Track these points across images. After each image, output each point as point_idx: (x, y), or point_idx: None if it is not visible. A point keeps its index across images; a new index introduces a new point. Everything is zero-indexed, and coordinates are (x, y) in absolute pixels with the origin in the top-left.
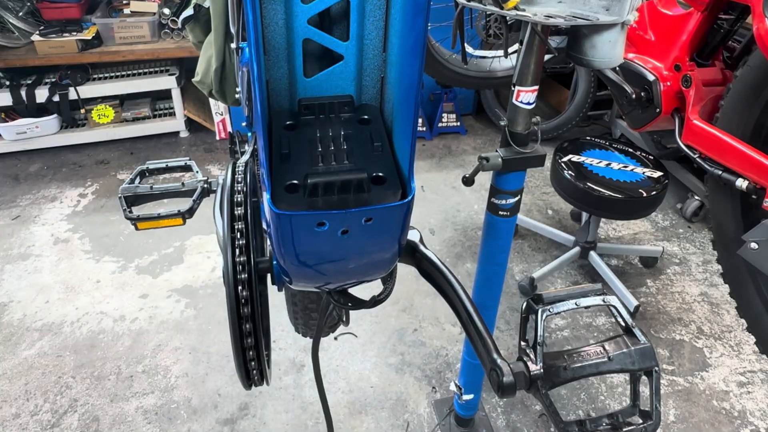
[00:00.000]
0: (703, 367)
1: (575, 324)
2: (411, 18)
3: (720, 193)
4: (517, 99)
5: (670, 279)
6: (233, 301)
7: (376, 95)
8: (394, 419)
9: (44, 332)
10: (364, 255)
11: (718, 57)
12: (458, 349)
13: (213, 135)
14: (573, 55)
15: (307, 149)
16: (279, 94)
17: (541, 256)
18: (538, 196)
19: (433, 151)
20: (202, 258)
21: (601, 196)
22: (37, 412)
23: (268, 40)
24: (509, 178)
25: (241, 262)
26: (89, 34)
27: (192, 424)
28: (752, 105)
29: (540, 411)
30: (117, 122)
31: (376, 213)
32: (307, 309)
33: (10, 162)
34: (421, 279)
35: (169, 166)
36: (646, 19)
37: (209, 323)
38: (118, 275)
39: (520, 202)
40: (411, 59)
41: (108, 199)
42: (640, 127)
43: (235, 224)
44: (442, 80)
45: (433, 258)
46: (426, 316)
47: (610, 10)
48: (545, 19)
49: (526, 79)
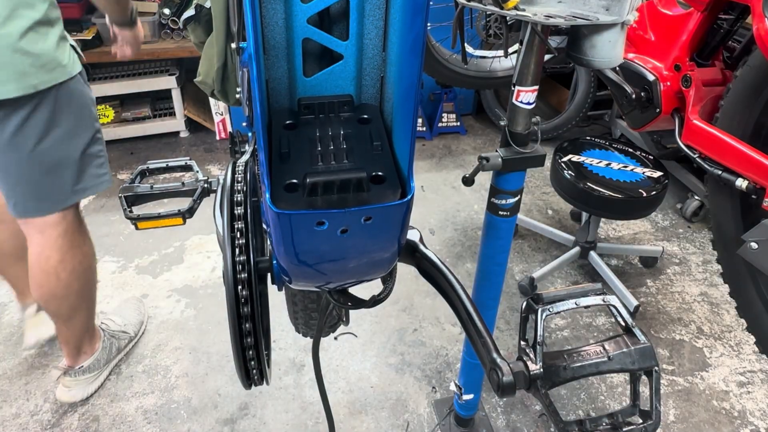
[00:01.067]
0: (703, 367)
1: (575, 324)
2: (410, 17)
3: (720, 193)
4: (517, 99)
5: (670, 279)
6: (233, 300)
7: (375, 95)
8: (394, 419)
9: None
10: (364, 254)
11: (718, 57)
12: (458, 349)
13: (213, 135)
14: (573, 55)
15: (307, 148)
16: (279, 94)
17: (541, 256)
18: (538, 196)
19: (433, 151)
20: (202, 258)
21: (601, 196)
22: (37, 412)
23: (268, 40)
24: (509, 178)
25: (241, 261)
26: (89, 34)
27: (192, 424)
28: (752, 105)
29: (540, 411)
30: (117, 122)
31: (375, 212)
32: (307, 309)
33: None
34: (421, 279)
35: (170, 165)
36: (646, 19)
37: (209, 323)
38: (119, 275)
39: (520, 202)
40: (411, 59)
41: (108, 199)
42: (640, 127)
43: (235, 224)
44: (442, 80)
45: (433, 258)
46: (426, 316)
47: (610, 10)
48: (545, 19)
49: (526, 79)
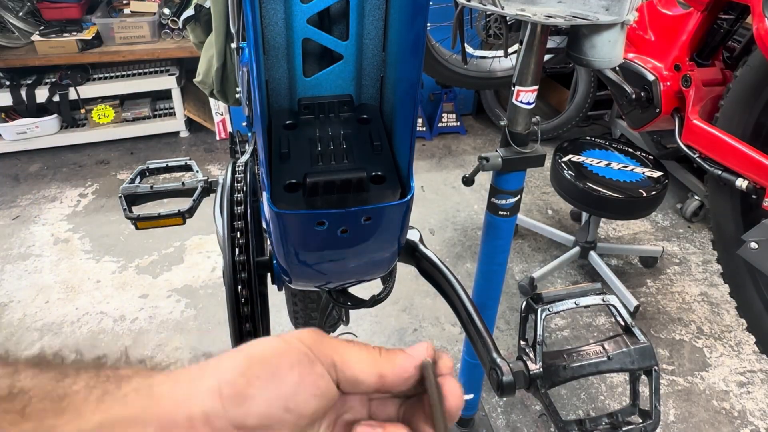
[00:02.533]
0: (703, 366)
1: (575, 324)
2: (410, 17)
3: (720, 193)
4: (517, 99)
5: (670, 279)
6: (233, 300)
7: (375, 95)
8: None
9: (44, 332)
10: (364, 254)
11: (718, 57)
12: (458, 349)
13: (213, 135)
14: (573, 55)
15: (307, 148)
16: (278, 94)
17: (541, 256)
18: (538, 196)
19: (433, 151)
20: (203, 258)
21: (601, 196)
22: None
23: (268, 40)
24: (509, 178)
25: (241, 261)
26: (89, 34)
27: None
28: (752, 105)
29: (540, 411)
30: (117, 122)
31: (375, 212)
32: (307, 309)
33: (10, 162)
34: (421, 279)
35: (170, 165)
36: (646, 19)
37: (209, 323)
38: (119, 275)
39: (520, 202)
40: (410, 59)
41: (108, 199)
42: (640, 127)
43: (235, 223)
44: (442, 80)
45: (432, 257)
46: (426, 316)
47: (610, 10)
48: (545, 19)
49: (526, 79)
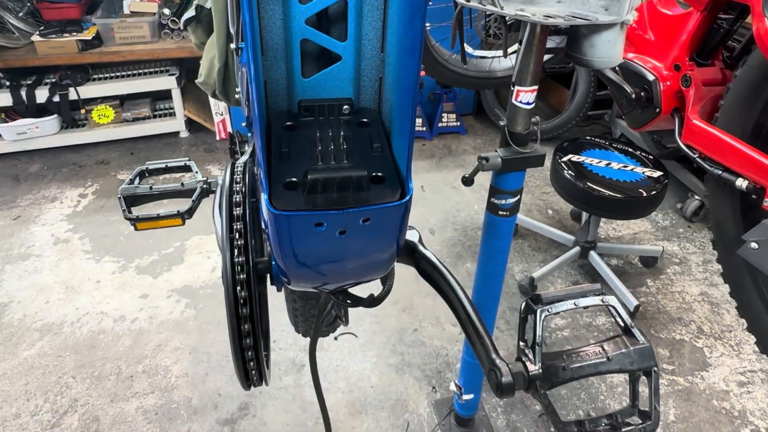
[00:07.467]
0: (703, 366)
1: (575, 324)
2: (408, 18)
3: (720, 193)
4: (516, 99)
5: (670, 279)
6: (232, 301)
7: (374, 95)
8: (394, 419)
9: (44, 332)
10: (363, 255)
11: (718, 57)
12: (458, 349)
13: (213, 135)
14: (572, 55)
15: (307, 149)
16: (277, 95)
17: (541, 256)
18: (538, 196)
19: (433, 151)
20: (202, 258)
21: (601, 195)
22: (37, 412)
23: (266, 41)
24: (509, 178)
25: (240, 262)
26: (89, 35)
27: (192, 424)
28: (752, 105)
29: (540, 411)
30: (117, 122)
31: (374, 213)
32: (306, 307)
33: (10, 162)
34: (421, 279)
35: (169, 166)
36: (645, 18)
37: (209, 323)
38: (119, 275)
39: (520, 202)
40: (409, 59)
41: (108, 200)
42: (640, 127)
43: (234, 224)
44: (442, 80)
45: (431, 258)
46: (426, 316)
47: (609, 10)
48: (544, 19)
49: (525, 79)
